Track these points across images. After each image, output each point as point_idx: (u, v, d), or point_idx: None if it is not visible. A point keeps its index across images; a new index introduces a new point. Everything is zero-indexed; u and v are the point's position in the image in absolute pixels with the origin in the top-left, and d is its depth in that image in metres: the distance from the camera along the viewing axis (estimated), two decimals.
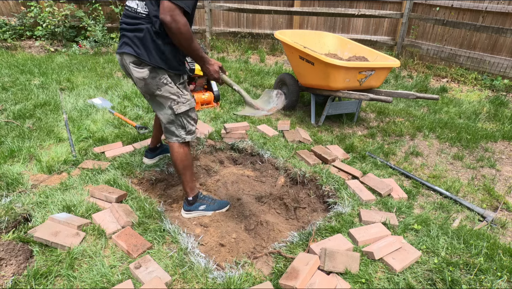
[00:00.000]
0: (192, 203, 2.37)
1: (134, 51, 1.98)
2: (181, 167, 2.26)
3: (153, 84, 2.05)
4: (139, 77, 2.03)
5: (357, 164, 3.01)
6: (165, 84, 2.06)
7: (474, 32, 5.67)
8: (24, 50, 6.47)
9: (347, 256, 1.87)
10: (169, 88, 2.08)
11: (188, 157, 2.27)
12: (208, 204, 2.42)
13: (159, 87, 2.06)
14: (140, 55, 1.97)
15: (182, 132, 2.21)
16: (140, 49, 1.97)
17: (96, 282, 1.71)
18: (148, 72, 2.01)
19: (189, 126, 2.22)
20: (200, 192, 2.44)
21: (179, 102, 2.12)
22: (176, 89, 2.11)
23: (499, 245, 2.07)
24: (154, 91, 2.07)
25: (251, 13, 7.04)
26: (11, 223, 2.02)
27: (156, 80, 2.04)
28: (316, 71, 3.55)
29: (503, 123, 4.10)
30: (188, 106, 2.17)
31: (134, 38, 1.98)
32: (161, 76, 2.04)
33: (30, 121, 3.47)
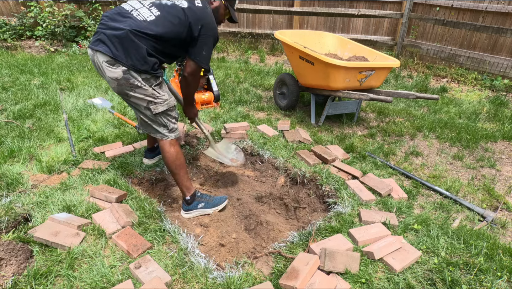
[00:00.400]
0: (190, 202, 2.37)
1: (110, 51, 1.95)
2: (174, 167, 2.25)
3: (126, 85, 2.02)
4: (112, 77, 2.00)
5: (357, 164, 3.01)
6: (139, 87, 2.03)
7: (474, 32, 5.67)
8: (24, 50, 6.47)
9: (347, 256, 1.87)
10: (143, 90, 2.05)
11: (179, 156, 2.26)
12: (206, 202, 2.42)
13: (133, 89, 2.03)
14: (116, 56, 1.94)
15: (165, 131, 2.21)
16: (118, 49, 1.95)
17: (96, 282, 1.71)
18: (121, 72, 1.98)
19: (171, 124, 2.23)
20: (197, 190, 2.44)
21: (156, 103, 2.11)
22: (152, 90, 2.08)
23: (499, 245, 2.07)
24: (127, 92, 2.05)
25: (251, 13, 7.04)
26: (11, 223, 2.02)
27: (129, 82, 2.01)
28: (316, 71, 3.55)
29: (503, 123, 4.10)
30: (166, 106, 2.16)
31: (112, 37, 1.94)
32: (135, 78, 2.01)
33: (30, 121, 3.47)
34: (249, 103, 4.34)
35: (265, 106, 4.26)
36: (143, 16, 2.03)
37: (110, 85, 2.09)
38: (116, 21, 2.00)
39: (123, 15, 2.03)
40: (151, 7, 2.07)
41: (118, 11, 2.07)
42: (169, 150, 2.22)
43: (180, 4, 2.11)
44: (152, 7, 2.07)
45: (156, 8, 2.07)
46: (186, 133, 3.33)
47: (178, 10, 2.08)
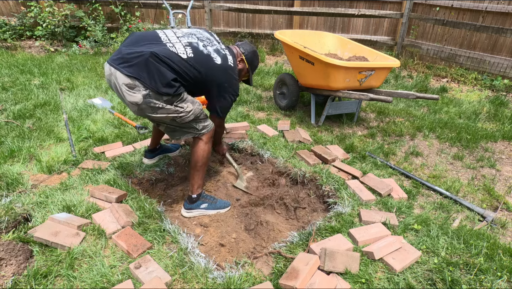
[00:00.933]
0: (194, 200, 2.37)
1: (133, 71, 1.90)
2: (200, 164, 2.27)
3: (147, 109, 2.00)
4: (132, 102, 1.96)
5: (357, 164, 3.01)
6: (160, 108, 2.01)
7: (474, 32, 5.67)
8: (24, 50, 6.47)
9: (347, 256, 1.87)
10: (165, 110, 2.03)
11: (209, 155, 2.32)
12: (210, 203, 2.43)
13: (154, 111, 2.01)
14: (140, 77, 1.90)
15: (195, 131, 2.23)
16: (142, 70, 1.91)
17: (96, 282, 1.71)
18: (141, 97, 1.94)
19: (200, 125, 2.24)
20: (204, 190, 2.46)
21: (182, 117, 2.11)
22: (174, 108, 2.06)
23: (499, 245, 2.07)
24: (149, 115, 2.04)
25: (251, 13, 7.04)
26: (11, 223, 2.02)
27: (150, 105, 1.98)
28: (316, 71, 3.55)
29: (503, 123, 4.10)
30: (193, 116, 2.15)
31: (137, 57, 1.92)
32: (156, 101, 1.97)
33: (30, 121, 3.47)
34: (249, 103, 4.34)
35: (265, 106, 4.26)
36: (176, 49, 2.03)
37: (130, 109, 2.06)
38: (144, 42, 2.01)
39: (156, 41, 2.03)
40: (187, 46, 2.08)
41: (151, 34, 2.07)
42: (204, 146, 2.25)
43: (214, 58, 2.16)
44: (187, 47, 2.08)
45: (191, 50, 2.08)
46: None
47: (211, 64, 2.14)
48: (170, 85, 1.97)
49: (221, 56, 2.22)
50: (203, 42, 2.20)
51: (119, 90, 2.00)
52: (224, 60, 2.22)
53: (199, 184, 2.35)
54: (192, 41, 2.15)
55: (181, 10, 4.89)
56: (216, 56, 2.18)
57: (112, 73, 1.99)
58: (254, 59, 2.53)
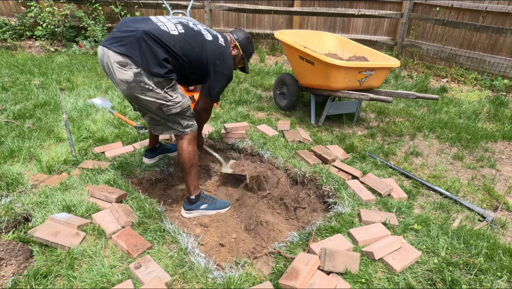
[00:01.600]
0: (194, 202, 2.37)
1: (125, 49, 1.90)
2: (188, 166, 2.25)
3: (136, 88, 1.97)
4: (122, 79, 1.95)
5: (357, 164, 3.01)
6: (150, 90, 1.99)
7: (474, 32, 5.67)
8: (24, 50, 6.47)
9: (347, 256, 1.87)
10: (154, 93, 2.01)
11: (195, 156, 2.27)
12: (210, 203, 2.42)
13: (143, 92, 1.99)
14: (132, 54, 1.90)
15: (178, 127, 2.19)
16: (134, 48, 1.91)
17: (96, 282, 1.71)
18: (132, 75, 1.93)
19: (185, 122, 2.20)
20: (203, 191, 2.45)
21: (169, 106, 2.08)
22: (164, 94, 2.03)
23: (499, 245, 2.07)
24: (137, 95, 2.00)
25: (251, 13, 7.04)
26: (11, 223, 2.02)
27: (140, 85, 1.96)
28: (316, 71, 3.55)
29: (503, 123, 4.09)
30: (180, 108, 2.12)
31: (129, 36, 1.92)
32: (146, 81, 1.96)
33: (30, 121, 3.47)
34: (249, 103, 4.34)
35: (265, 106, 4.26)
36: (167, 28, 2.03)
37: (119, 88, 2.03)
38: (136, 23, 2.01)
39: (146, 22, 2.04)
40: (177, 24, 2.10)
41: (142, 18, 2.09)
42: (187, 148, 2.21)
43: (205, 35, 2.15)
44: (178, 24, 2.09)
45: (182, 26, 2.09)
46: None
47: (201, 39, 2.12)
48: (161, 65, 1.96)
49: (212, 35, 2.21)
50: (193, 22, 2.23)
51: (111, 69, 1.97)
52: (215, 38, 2.20)
53: (194, 185, 2.33)
54: (182, 21, 2.17)
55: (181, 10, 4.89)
56: (206, 34, 2.18)
57: (105, 53, 1.97)
58: (248, 45, 2.48)
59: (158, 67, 1.96)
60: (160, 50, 1.95)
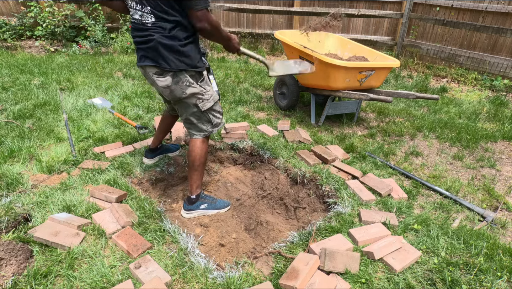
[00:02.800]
0: (194, 201, 2.37)
1: (153, 61, 2.02)
2: (198, 164, 2.28)
3: (177, 90, 2.09)
4: (163, 86, 2.08)
5: (357, 164, 3.01)
6: (188, 86, 2.10)
7: (474, 32, 5.67)
8: (24, 50, 6.47)
9: (347, 256, 1.87)
10: (192, 89, 2.11)
11: (206, 155, 2.33)
12: (210, 203, 2.42)
13: (184, 91, 2.10)
14: (161, 64, 2.01)
15: (209, 127, 2.27)
16: (158, 58, 2.01)
17: (96, 282, 1.71)
18: (170, 79, 2.06)
19: (215, 120, 2.29)
20: (203, 191, 2.46)
21: (204, 100, 2.17)
22: (199, 88, 2.15)
23: (499, 245, 2.07)
24: (180, 96, 2.12)
25: (251, 13, 7.04)
26: (11, 223, 2.02)
27: (179, 85, 2.08)
28: (316, 71, 3.54)
29: (503, 123, 4.10)
30: (213, 101, 2.22)
31: (149, 50, 2.02)
32: (183, 80, 2.07)
33: (30, 121, 3.47)
34: (249, 103, 4.34)
35: (265, 106, 4.26)
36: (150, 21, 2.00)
37: (164, 94, 2.17)
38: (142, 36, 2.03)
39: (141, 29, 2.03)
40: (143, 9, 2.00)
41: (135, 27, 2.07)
42: (201, 145, 2.26)
43: None
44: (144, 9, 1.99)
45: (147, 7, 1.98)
46: (186, 134, 3.33)
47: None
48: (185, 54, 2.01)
49: None
50: None
51: (153, 81, 2.12)
52: None
53: (198, 184, 2.36)
54: None
55: None
56: None
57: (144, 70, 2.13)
58: None
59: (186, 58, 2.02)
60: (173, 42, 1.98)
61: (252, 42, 7.31)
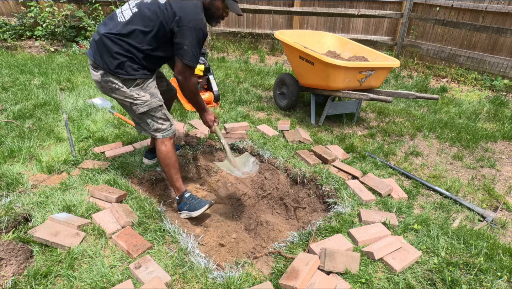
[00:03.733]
0: (178, 202, 2.38)
1: (92, 54, 2.10)
2: (163, 165, 2.29)
3: (106, 88, 2.16)
4: (95, 80, 2.16)
5: (357, 164, 3.01)
6: (117, 89, 2.13)
7: (474, 32, 5.67)
8: (24, 50, 6.47)
9: (347, 256, 1.87)
10: (122, 92, 2.14)
11: (169, 156, 2.27)
12: (190, 204, 2.33)
13: (113, 91, 2.15)
14: (95, 60, 2.08)
15: (150, 130, 2.28)
16: (96, 53, 2.08)
17: (96, 282, 1.71)
18: (100, 76, 2.11)
19: (155, 124, 2.25)
20: (187, 191, 2.37)
21: (137, 104, 2.18)
22: (130, 92, 2.15)
23: (499, 245, 2.07)
24: (109, 94, 2.18)
25: (251, 13, 7.03)
26: (11, 223, 2.02)
27: (108, 84, 2.12)
28: (316, 71, 3.55)
29: (503, 123, 4.09)
30: (147, 107, 2.19)
31: (93, 41, 2.09)
32: (113, 81, 2.11)
33: (30, 121, 3.47)
34: (249, 103, 4.34)
35: (265, 106, 4.26)
36: (124, 17, 2.07)
37: (97, 86, 2.24)
38: (104, 25, 2.11)
39: (111, 19, 2.12)
40: (134, 7, 2.10)
41: (111, 15, 2.15)
42: (159, 147, 2.28)
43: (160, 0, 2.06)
44: (134, 7, 2.10)
45: (136, 7, 2.09)
46: (186, 134, 3.33)
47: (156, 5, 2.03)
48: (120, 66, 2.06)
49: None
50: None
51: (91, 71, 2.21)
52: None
53: (175, 185, 2.35)
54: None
55: None
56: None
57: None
58: None
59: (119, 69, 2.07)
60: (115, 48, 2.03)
61: (252, 42, 7.31)
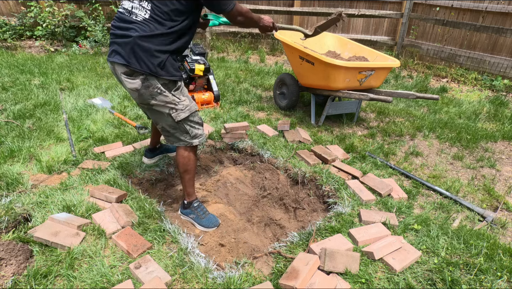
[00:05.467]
0: (186, 207, 2.37)
1: (124, 59, 1.89)
2: (182, 170, 2.24)
3: (146, 95, 1.98)
4: (132, 88, 1.96)
5: (357, 164, 3.01)
6: (159, 94, 1.98)
7: (474, 32, 5.67)
8: (24, 50, 6.47)
9: (347, 256, 1.87)
10: (163, 97, 2.00)
11: (191, 162, 2.22)
12: (197, 216, 2.34)
13: (154, 97, 1.99)
14: (130, 64, 1.88)
15: (187, 138, 2.16)
16: (130, 57, 1.88)
17: (96, 282, 1.71)
18: (140, 82, 1.93)
19: (193, 130, 2.16)
20: (196, 200, 2.37)
21: (178, 110, 2.05)
22: (172, 97, 2.02)
23: (499, 245, 2.07)
24: (149, 101, 2.00)
25: None
26: (11, 223, 2.02)
27: (149, 90, 1.96)
28: (316, 71, 3.55)
29: (503, 123, 4.09)
30: (188, 112, 2.09)
31: (123, 46, 1.89)
32: (154, 86, 1.95)
33: (30, 121, 3.47)
34: (249, 103, 4.34)
35: (265, 106, 4.26)
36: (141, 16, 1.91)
37: (132, 96, 2.05)
38: (122, 29, 1.94)
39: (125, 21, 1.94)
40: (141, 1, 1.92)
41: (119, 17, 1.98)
42: (183, 153, 2.19)
43: None
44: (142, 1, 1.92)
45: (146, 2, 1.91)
46: None
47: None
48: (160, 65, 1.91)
49: None
50: None
51: (121, 80, 2.00)
52: None
53: (188, 191, 2.32)
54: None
55: None
56: None
57: (113, 67, 2.00)
58: None
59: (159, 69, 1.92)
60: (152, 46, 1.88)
61: (252, 42, 7.31)
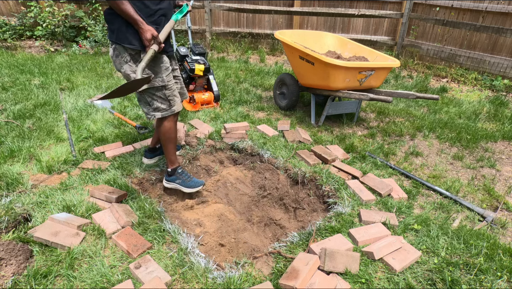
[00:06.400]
0: (170, 174, 2.52)
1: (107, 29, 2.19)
2: (163, 139, 2.41)
3: (117, 63, 2.21)
4: (110, 55, 2.24)
5: (357, 164, 3.01)
6: (125, 63, 2.18)
7: (474, 32, 5.67)
8: (24, 50, 6.47)
9: (347, 256, 1.87)
10: (129, 66, 2.18)
11: (170, 132, 2.40)
12: (183, 180, 2.52)
13: (121, 65, 2.20)
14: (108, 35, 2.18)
15: (149, 109, 2.32)
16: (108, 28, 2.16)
17: (96, 282, 1.71)
18: (112, 51, 2.19)
19: (155, 103, 2.31)
20: (180, 167, 2.55)
21: None
22: (135, 67, 2.19)
23: (499, 245, 2.07)
24: (119, 69, 2.23)
25: (251, 13, 7.03)
26: (11, 223, 2.02)
27: (119, 59, 2.19)
28: (316, 71, 3.55)
29: (503, 123, 4.09)
30: (150, 85, 2.24)
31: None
32: (122, 55, 2.17)
33: (30, 121, 3.47)
34: (249, 103, 4.34)
35: (265, 106, 4.26)
36: None
37: None
38: None
39: None
40: None
41: None
42: (161, 123, 2.37)
43: None
44: None
45: None
46: (186, 134, 3.33)
47: None
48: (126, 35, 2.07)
49: None
50: None
51: None
52: None
53: (170, 159, 2.49)
54: None
55: None
56: None
57: None
58: None
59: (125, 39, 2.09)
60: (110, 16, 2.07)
61: (252, 42, 7.31)
